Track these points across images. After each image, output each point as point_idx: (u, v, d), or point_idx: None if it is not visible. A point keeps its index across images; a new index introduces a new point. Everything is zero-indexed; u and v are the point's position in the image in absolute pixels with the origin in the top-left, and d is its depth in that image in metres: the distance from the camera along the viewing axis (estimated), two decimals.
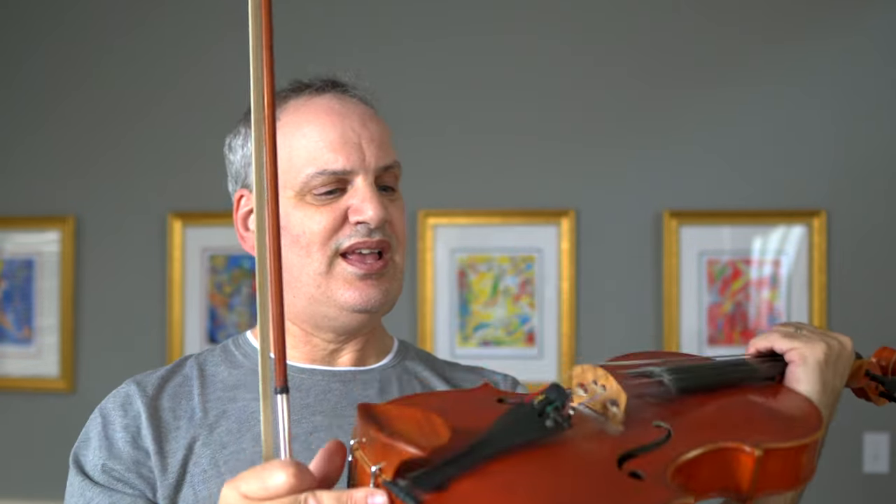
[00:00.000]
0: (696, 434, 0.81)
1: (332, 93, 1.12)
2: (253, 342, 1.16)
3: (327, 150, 1.06)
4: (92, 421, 1.08)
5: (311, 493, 0.70)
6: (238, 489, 0.72)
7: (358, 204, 1.05)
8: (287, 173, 1.07)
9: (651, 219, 2.76)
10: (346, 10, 2.91)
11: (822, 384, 0.99)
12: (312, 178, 1.06)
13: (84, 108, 3.00)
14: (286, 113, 1.11)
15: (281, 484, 0.70)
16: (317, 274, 1.06)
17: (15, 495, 2.95)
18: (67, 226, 2.97)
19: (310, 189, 1.06)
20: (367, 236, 1.05)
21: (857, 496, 2.73)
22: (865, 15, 2.77)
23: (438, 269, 2.80)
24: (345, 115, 1.09)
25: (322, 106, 1.10)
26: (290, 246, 1.07)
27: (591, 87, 2.81)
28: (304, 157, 1.06)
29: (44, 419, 2.96)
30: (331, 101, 1.11)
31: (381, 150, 1.09)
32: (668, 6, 2.82)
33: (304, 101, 1.11)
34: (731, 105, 2.78)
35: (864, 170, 2.74)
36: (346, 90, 1.13)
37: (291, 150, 1.08)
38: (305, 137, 1.07)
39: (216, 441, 1.04)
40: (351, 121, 1.08)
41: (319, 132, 1.07)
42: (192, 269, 2.89)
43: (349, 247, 1.05)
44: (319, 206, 1.06)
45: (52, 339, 2.98)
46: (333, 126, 1.07)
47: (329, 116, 1.08)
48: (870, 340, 2.77)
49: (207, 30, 2.97)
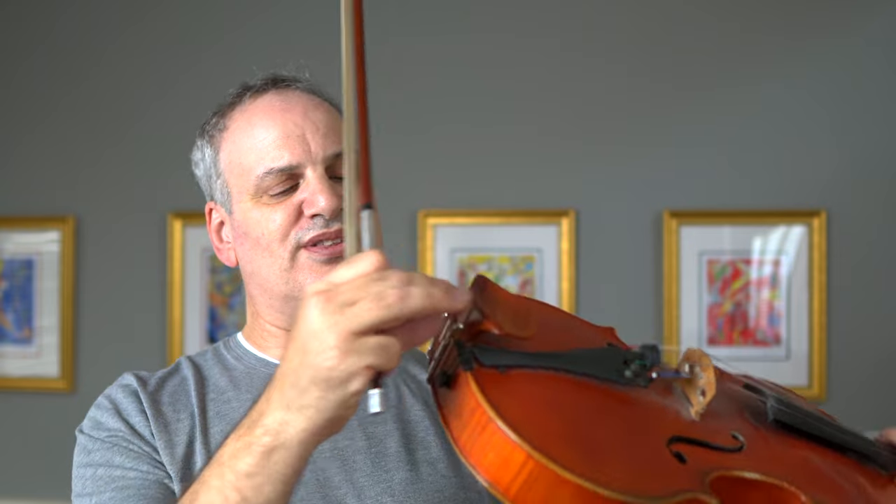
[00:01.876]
0: (767, 463, 0.77)
1: (274, 90, 1.12)
2: (245, 344, 1.16)
3: (272, 148, 1.06)
4: (100, 405, 1.08)
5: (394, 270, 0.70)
6: (325, 281, 0.71)
7: (309, 196, 1.05)
8: (240, 178, 1.08)
9: (651, 219, 2.76)
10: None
11: None
12: (263, 178, 1.06)
13: (84, 107, 3.00)
14: (232, 120, 1.11)
15: (372, 260, 0.70)
16: (282, 270, 1.06)
17: (15, 495, 2.95)
18: (67, 226, 2.97)
19: (264, 190, 1.06)
20: (326, 227, 1.05)
21: None
22: (866, 15, 2.77)
23: (438, 269, 2.80)
24: (286, 109, 1.09)
25: (263, 105, 1.10)
26: (254, 250, 1.08)
27: (591, 87, 2.81)
28: (253, 159, 1.07)
29: (44, 419, 2.96)
30: (272, 98, 1.11)
31: (328, 138, 1.08)
32: (668, 6, 2.82)
33: (247, 104, 1.11)
34: (731, 105, 2.78)
35: (864, 170, 2.74)
36: (288, 85, 1.13)
37: (241, 154, 1.08)
38: (251, 139, 1.08)
39: (212, 442, 1.05)
40: (293, 114, 1.08)
41: (263, 131, 1.07)
42: (192, 269, 2.89)
43: (309, 240, 1.05)
44: (275, 204, 1.06)
45: (52, 339, 2.98)
46: (275, 123, 1.07)
47: (270, 114, 1.08)
48: (870, 340, 2.79)
49: (207, 30, 2.97)
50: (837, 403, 2.73)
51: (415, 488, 1.04)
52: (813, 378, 2.71)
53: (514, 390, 0.65)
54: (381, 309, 0.67)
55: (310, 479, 1.03)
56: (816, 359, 2.71)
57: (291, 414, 0.71)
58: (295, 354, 0.71)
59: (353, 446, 1.06)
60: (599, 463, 0.63)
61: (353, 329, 0.68)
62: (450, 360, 0.69)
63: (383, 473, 1.05)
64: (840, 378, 2.72)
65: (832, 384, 2.73)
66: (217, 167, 1.12)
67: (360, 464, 1.05)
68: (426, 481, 1.06)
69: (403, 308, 0.68)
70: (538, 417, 0.65)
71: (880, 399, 2.72)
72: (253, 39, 2.93)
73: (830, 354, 2.73)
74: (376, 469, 1.05)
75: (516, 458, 0.61)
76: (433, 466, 1.07)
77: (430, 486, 1.05)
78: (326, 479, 1.04)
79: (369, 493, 1.03)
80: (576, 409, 0.68)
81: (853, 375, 2.72)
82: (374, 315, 0.68)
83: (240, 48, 2.93)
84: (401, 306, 0.68)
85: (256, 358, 1.13)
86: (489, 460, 0.62)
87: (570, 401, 0.68)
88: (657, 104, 2.80)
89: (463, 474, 1.08)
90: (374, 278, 0.69)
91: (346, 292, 0.69)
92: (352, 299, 0.68)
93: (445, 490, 1.05)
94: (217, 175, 1.13)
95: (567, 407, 0.67)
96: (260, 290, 1.10)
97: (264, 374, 1.11)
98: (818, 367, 2.71)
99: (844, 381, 2.72)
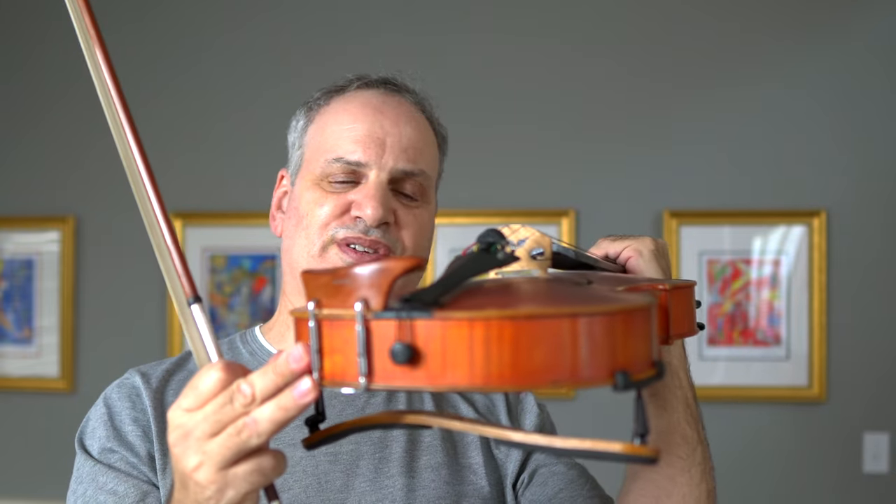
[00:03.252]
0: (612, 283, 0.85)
1: (383, 89, 1.13)
2: (261, 339, 1.15)
3: (350, 140, 1.07)
4: (96, 409, 1.08)
5: (240, 379, 0.69)
6: (179, 406, 0.72)
7: (362, 199, 1.05)
8: (314, 156, 1.09)
9: (651, 219, 2.76)
10: (345, 8, 2.91)
11: (661, 272, 1.03)
12: (329, 164, 1.07)
13: (84, 107, 3.00)
14: (333, 101, 1.13)
15: (213, 383, 0.70)
16: (310, 255, 1.07)
17: (15, 495, 2.95)
18: (67, 226, 2.97)
19: (326, 175, 1.07)
20: (363, 233, 1.05)
21: (857, 496, 2.73)
22: (866, 16, 2.77)
23: (439, 269, 2.80)
24: (380, 110, 1.10)
25: (363, 99, 1.11)
26: (296, 227, 1.08)
27: (591, 87, 2.81)
28: (331, 143, 1.08)
29: (44, 419, 2.96)
30: (373, 96, 1.12)
31: (406, 153, 1.09)
32: (668, 7, 2.82)
33: (352, 93, 1.13)
34: (731, 105, 2.78)
35: (864, 170, 2.74)
36: (399, 90, 1.15)
37: (324, 135, 1.09)
38: (339, 124, 1.09)
39: None
40: (384, 117, 1.09)
41: (351, 122, 1.08)
42: (192, 269, 2.88)
43: (343, 238, 1.05)
44: (330, 193, 1.07)
45: (52, 339, 2.98)
46: (365, 119, 1.08)
47: (364, 109, 1.09)
48: (870, 340, 2.79)
49: (207, 29, 2.97)
50: (837, 403, 2.73)
51: (415, 495, 1.04)
52: (813, 378, 2.71)
53: (468, 307, 0.62)
54: (236, 444, 0.68)
55: (311, 482, 1.03)
56: (816, 359, 2.71)
57: None
58: (180, 490, 0.73)
59: (357, 451, 1.06)
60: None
61: (218, 465, 0.69)
62: (387, 332, 0.62)
63: (385, 479, 1.04)
64: (840, 378, 2.72)
65: (832, 384, 2.73)
66: (302, 139, 1.14)
67: (362, 468, 1.05)
68: (428, 488, 1.05)
69: (259, 436, 0.68)
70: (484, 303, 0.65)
71: (880, 399, 2.72)
72: (253, 39, 2.93)
73: (830, 354, 2.73)
74: (378, 475, 1.05)
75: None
76: (436, 472, 1.07)
77: (432, 493, 1.05)
78: (328, 483, 1.03)
79: (369, 499, 1.03)
80: (516, 291, 0.70)
81: (853, 375, 2.72)
82: (232, 451, 0.68)
83: (240, 48, 2.93)
84: (256, 435, 0.68)
85: (270, 354, 1.13)
86: (540, 356, 0.60)
87: (506, 290, 0.70)
88: (657, 104, 2.80)
89: (465, 480, 1.08)
90: (221, 403, 0.69)
91: (199, 425, 0.69)
92: (208, 432, 0.69)
93: (446, 498, 1.05)
94: (299, 146, 1.14)
95: (516, 293, 0.70)
96: (289, 268, 1.10)
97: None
98: (818, 367, 2.71)
99: (844, 381, 2.72)
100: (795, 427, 2.74)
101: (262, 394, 0.68)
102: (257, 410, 0.68)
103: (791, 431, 2.74)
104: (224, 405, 0.69)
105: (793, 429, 2.74)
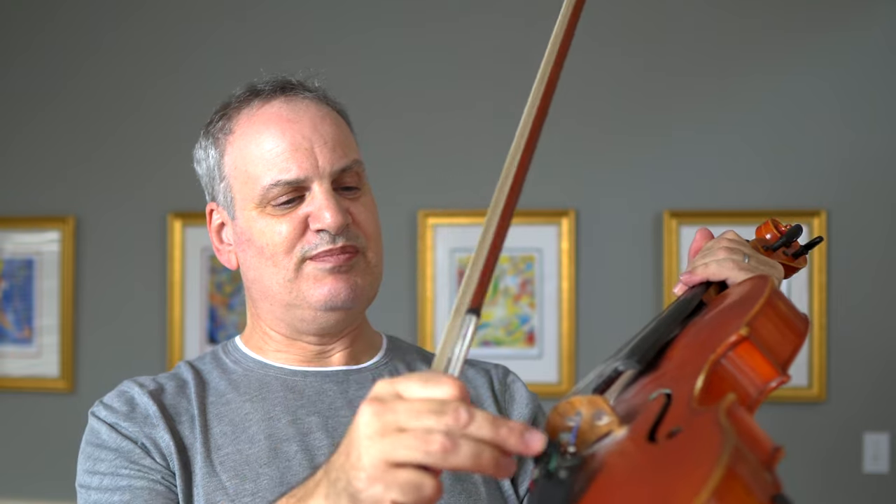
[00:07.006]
0: (688, 370, 0.77)
1: (282, 97, 1.10)
2: (242, 348, 1.16)
3: (280, 159, 1.05)
4: (96, 413, 1.08)
5: (464, 404, 0.65)
6: (394, 386, 0.68)
7: (315, 211, 1.05)
8: (246, 186, 1.07)
9: (651, 219, 2.76)
10: (344, 7, 2.91)
11: (739, 267, 1.02)
12: (268, 189, 1.05)
13: (84, 107, 3.00)
14: (238, 124, 1.10)
15: (442, 388, 0.66)
16: (286, 281, 1.06)
17: (15, 495, 2.95)
18: (67, 226, 2.97)
19: (268, 200, 1.06)
20: (332, 243, 1.05)
21: (857, 496, 2.73)
22: (866, 16, 2.77)
23: (438, 268, 2.79)
24: (294, 120, 1.08)
25: (272, 114, 1.09)
26: (257, 258, 1.08)
27: (591, 87, 2.81)
28: (260, 169, 1.06)
29: (44, 419, 2.96)
30: (280, 107, 1.09)
31: (336, 152, 1.07)
32: (668, 6, 2.82)
33: (255, 110, 1.10)
34: (731, 105, 2.78)
35: (864, 170, 2.74)
36: (297, 92, 1.12)
37: (247, 162, 1.08)
38: (258, 148, 1.07)
39: (212, 443, 1.05)
40: (301, 126, 1.07)
41: (271, 142, 1.07)
42: (192, 269, 2.89)
43: (315, 256, 1.06)
44: (280, 215, 1.06)
45: (52, 339, 2.98)
46: (283, 134, 1.06)
47: (279, 124, 1.07)
48: (870, 340, 2.78)
49: (207, 29, 2.97)
50: (837, 403, 2.73)
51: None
52: (813, 378, 2.71)
53: None
54: (420, 452, 0.64)
55: None
56: (816, 359, 2.71)
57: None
58: (342, 452, 0.70)
59: None
60: None
61: (388, 459, 0.65)
62: None
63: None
64: (840, 378, 2.72)
65: (832, 384, 2.73)
66: (221, 170, 1.12)
67: None
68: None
69: (444, 461, 0.64)
70: None
71: (880, 399, 2.72)
72: (253, 39, 2.93)
73: (830, 354, 2.73)
74: None
75: None
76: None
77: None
78: None
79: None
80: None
81: (853, 375, 2.72)
82: (411, 455, 0.64)
83: (240, 48, 2.93)
84: (442, 457, 0.64)
85: (255, 361, 1.14)
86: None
87: None
88: (657, 104, 2.80)
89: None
90: (434, 409, 0.65)
91: (398, 412, 0.66)
92: (400, 425, 0.65)
93: None
94: (221, 178, 1.12)
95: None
96: (261, 297, 1.10)
97: (262, 376, 1.11)
98: (818, 367, 2.71)
99: (844, 381, 2.72)
100: (795, 427, 2.74)
101: (475, 431, 0.65)
102: (459, 442, 0.64)
103: (791, 431, 2.74)
104: (436, 412, 0.65)
105: (793, 429, 2.74)
